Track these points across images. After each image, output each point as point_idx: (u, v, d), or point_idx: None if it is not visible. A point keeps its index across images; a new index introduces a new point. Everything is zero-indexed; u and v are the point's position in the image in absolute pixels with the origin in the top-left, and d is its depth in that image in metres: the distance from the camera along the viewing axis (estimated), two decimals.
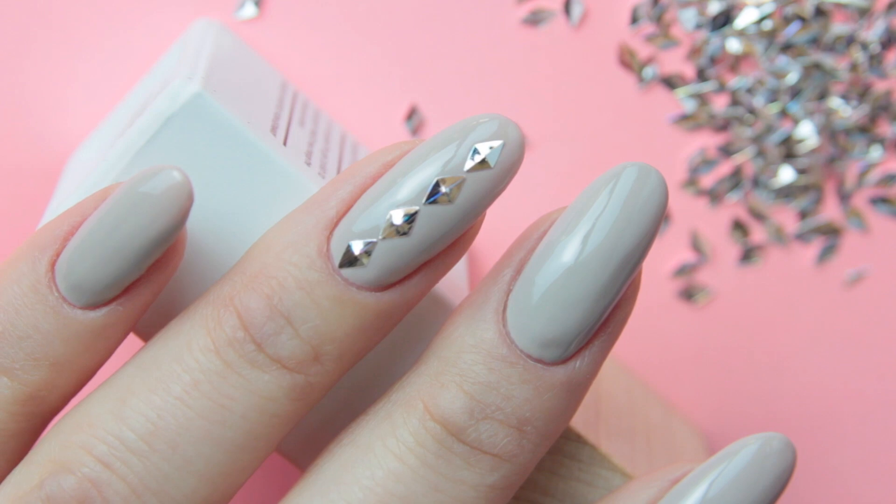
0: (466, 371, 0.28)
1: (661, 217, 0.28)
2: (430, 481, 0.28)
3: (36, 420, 0.29)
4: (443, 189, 0.27)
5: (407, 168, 0.27)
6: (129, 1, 0.37)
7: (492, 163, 0.27)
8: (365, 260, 0.27)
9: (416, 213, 0.27)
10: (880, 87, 0.38)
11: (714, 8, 0.38)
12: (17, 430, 0.29)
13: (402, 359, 0.31)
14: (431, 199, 0.27)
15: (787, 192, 0.38)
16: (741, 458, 0.29)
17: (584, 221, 0.27)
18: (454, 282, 0.32)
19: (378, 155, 0.28)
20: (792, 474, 0.29)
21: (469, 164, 0.27)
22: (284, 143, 0.31)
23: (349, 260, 0.27)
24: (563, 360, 0.28)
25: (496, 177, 0.27)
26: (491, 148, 0.27)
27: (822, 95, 0.38)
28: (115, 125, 0.33)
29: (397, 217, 0.27)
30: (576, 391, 0.28)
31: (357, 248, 0.27)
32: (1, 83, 0.37)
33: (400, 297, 0.28)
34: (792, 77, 0.38)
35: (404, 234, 0.27)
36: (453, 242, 0.28)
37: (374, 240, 0.27)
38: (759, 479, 0.29)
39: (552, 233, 0.28)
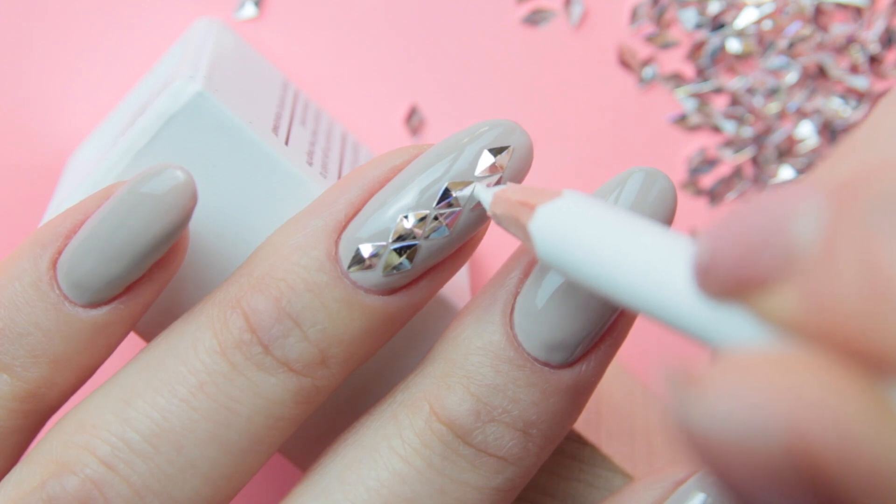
0: (474, 373, 0.28)
1: (668, 222, 0.27)
2: (436, 483, 0.28)
3: (35, 417, 0.29)
4: (454, 194, 0.27)
5: (416, 172, 0.27)
6: (130, 1, 0.37)
7: (501, 168, 0.27)
8: (374, 263, 0.27)
9: (426, 217, 0.27)
10: (880, 87, 0.38)
11: (714, 8, 0.38)
12: (16, 427, 0.28)
13: (402, 359, 0.31)
14: (442, 204, 0.27)
15: None
16: None
17: None
18: (454, 280, 0.32)
19: (386, 158, 0.28)
20: None
21: (479, 168, 0.27)
22: (286, 143, 0.31)
23: (358, 263, 0.27)
24: (570, 364, 0.28)
25: (506, 181, 0.27)
26: (500, 153, 0.27)
27: (822, 95, 0.38)
28: (116, 124, 0.33)
29: (408, 221, 0.27)
30: (581, 394, 0.28)
31: (366, 251, 0.27)
32: (1, 82, 0.37)
33: (406, 301, 0.28)
34: (792, 77, 0.38)
35: (414, 238, 0.27)
36: (460, 246, 0.28)
37: (384, 243, 0.27)
38: None
39: None
